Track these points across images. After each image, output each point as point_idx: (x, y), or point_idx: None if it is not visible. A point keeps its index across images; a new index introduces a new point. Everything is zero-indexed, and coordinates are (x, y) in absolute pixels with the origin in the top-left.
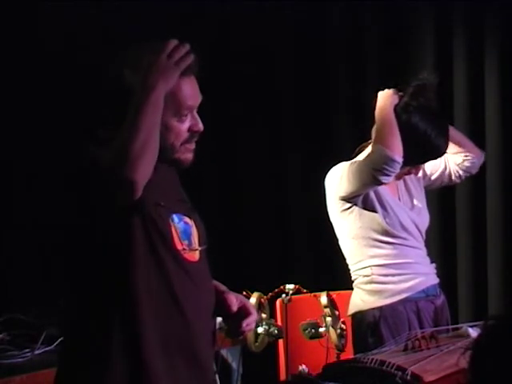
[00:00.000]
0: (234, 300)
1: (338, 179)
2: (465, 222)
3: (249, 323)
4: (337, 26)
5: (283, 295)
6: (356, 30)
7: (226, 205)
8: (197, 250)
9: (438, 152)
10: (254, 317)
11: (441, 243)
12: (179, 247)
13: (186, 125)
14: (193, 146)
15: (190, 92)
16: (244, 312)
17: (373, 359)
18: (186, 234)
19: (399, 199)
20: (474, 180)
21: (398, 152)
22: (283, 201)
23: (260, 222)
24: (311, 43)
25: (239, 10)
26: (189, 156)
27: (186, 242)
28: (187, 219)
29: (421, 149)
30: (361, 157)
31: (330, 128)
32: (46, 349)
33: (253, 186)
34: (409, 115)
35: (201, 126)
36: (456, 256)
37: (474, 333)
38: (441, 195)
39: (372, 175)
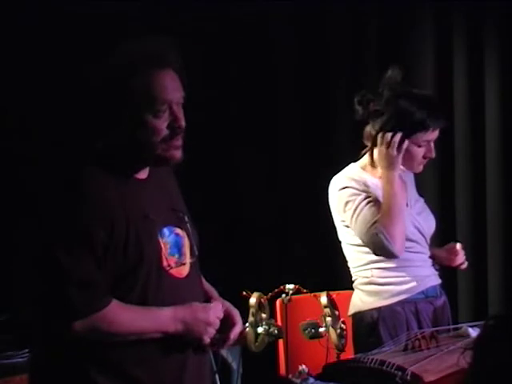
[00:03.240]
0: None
1: (340, 205)
2: (464, 222)
3: (231, 336)
4: (337, 27)
5: (283, 295)
6: (356, 31)
7: (226, 205)
8: (185, 264)
9: (424, 124)
10: (238, 327)
11: (441, 243)
12: (165, 264)
13: (164, 121)
14: (178, 142)
15: (165, 85)
16: (230, 321)
17: (373, 359)
18: (177, 246)
19: (407, 205)
20: (475, 181)
21: (399, 244)
22: (283, 201)
23: (260, 221)
24: (311, 44)
25: (239, 9)
26: (174, 153)
27: (175, 257)
28: (178, 230)
29: (404, 123)
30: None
31: (329, 129)
32: None
33: (253, 185)
34: (394, 104)
35: (182, 123)
36: None
37: (473, 333)
38: (441, 195)
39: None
